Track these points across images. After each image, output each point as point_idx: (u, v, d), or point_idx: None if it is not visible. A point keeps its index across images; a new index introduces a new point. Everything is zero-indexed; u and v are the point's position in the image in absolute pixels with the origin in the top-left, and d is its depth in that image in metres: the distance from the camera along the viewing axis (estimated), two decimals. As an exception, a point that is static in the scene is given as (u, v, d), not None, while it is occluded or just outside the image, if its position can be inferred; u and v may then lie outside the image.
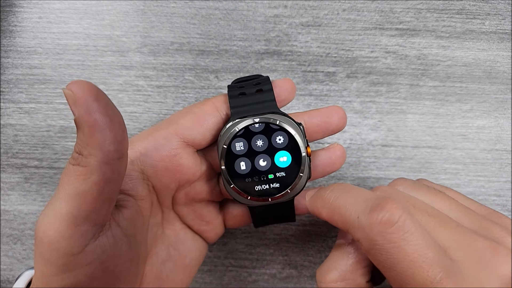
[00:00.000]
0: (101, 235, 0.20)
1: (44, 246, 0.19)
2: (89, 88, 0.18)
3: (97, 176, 0.18)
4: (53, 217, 0.19)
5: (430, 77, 0.32)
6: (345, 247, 0.22)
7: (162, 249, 0.25)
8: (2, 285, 0.32)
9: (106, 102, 0.18)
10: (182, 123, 0.24)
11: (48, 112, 0.32)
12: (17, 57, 0.33)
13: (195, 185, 0.25)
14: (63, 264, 0.19)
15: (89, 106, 0.18)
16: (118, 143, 0.19)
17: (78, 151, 0.18)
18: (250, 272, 0.32)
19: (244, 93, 0.24)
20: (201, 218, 0.26)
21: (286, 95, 0.25)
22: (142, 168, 0.23)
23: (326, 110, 0.25)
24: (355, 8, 0.33)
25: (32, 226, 0.32)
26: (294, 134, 0.23)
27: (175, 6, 0.33)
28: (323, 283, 0.21)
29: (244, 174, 0.23)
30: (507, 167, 0.32)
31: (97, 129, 0.18)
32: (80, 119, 0.18)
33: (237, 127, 0.23)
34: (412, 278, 0.17)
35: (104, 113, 0.18)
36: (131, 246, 0.22)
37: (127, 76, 0.33)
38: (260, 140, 0.23)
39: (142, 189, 0.23)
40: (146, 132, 0.24)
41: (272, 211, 0.25)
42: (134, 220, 0.22)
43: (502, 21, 0.33)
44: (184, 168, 0.24)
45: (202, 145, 0.24)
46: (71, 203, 0.18)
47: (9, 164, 0.32)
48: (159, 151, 0.23)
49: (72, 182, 0.18)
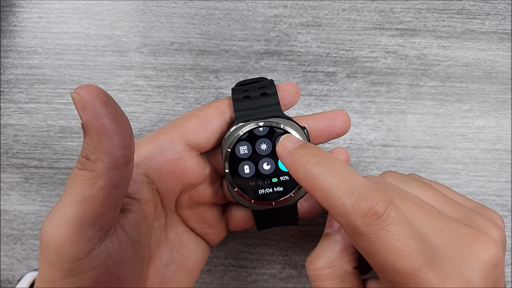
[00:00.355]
0: (106, 240, 0.20)
1: (49, 250, 0.19)
2: (97, 93, 0.18)
3: (104, 181, 0.18)
4: (59, 221, 0.19)
5: (430, 77, 0.32)
6: (332, 235, 0.22)
7: (165, 252, 0.25)
8: (2, 285, 0.32)
9: (115, 108, 0.18)
10: (187, 127, 0.24)
11: (48, 112, 0.32)
12: (17, 57, 0.33)
13: (199, 188, 0.25)
14: (69, 269, 0.19)
15: (98, 112, 0.18)
16: (126, 149, 0.19)
17: (85, 156, 0.18)
18: (250, 272, 0.32)
19: (249, 97, 0.24)
20: (204, 221, 0.26)
21: (291, 99, 0.25)
22: (146, 171, 0.23)
23: (330, 114, 0.25)
24: (355, 8, 0.33)
25: (32, 226, 0.32)
26: (298, 138, 0.23)
27: (175, 6, 0.33)
28: (312, 270, 0.21)
29: (248, 178, 0.23)
30: (507, 167, 0.32)
31: (105, 135, 0.18)
32: (88, 124, 0.18)
33: (241, 131, 0.23)
34: (392, 266, 0.17)
35: (113, 119, 0.18)
36: (136, 250, 0.22)
37: (127, 76, 0.33)
38: (264, 144, 0.23)
39: (146, 193, 0.23)
40: (151, 135, 0.24)
41: (276, 214, 0.25)
42: (139, 224, 0.22)
43: (502, 21, 0.33)
44: (189, 172, 0.24)
45: (206, 148, 0.24)
46: (77, 208, 0.18)
47: (9, 164, 0.32)
48: (164, 155, 0.23)
49: (79, 187, 0.18)
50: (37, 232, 0.32)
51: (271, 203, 0.24)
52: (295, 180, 0.21)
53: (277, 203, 0.24)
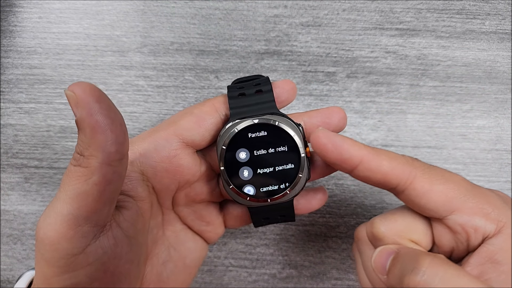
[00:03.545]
0: (101, 236, 0.20)
1: (45, 247, 0.19)
2: (91, 89, 0.18)
3: (98, 177, 0.18)
4: (54, 218, 0.19)
5: (430, 77, 0.32)
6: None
7: (162, 250, 0.25)
8: (2, 285, 0.32)
9: (108, 104, 0.18)
10: (182, 124, 0.24)
11: (48, 112, 0.32)
12: (17, 57, 0.33)
13: (195, 186, 0.25)
14: (64, 265, 0.19)
15: (91, 108, 0.18)
16: (119, 145, 0.19)
17: (79, 152, 0.19)
18: (250, 272, 0.32)
19: (244, 94, 0.24)
20: (202, 218, 0.26)
21: (287, 96, 0.25)
22: (142, 169, 0.23)
23: (326, 110, 0.25)
24: (355, 8, 0.33)
25: (32, 226, 0.32)
26: (293, 135, 0.23)
27: (175, 6, 0.33)
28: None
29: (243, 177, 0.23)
30: (507, 167, 0.32)
31: (99, 131, 0.18)
32: (82, 120, 0.18)
33: (236, 128, 0.23)
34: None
35: (106, 115, 0.18)
36: (132, 247, 0.22)
37: (127, 76, 0.33)
38: (259, 142, 0.23)
39: (142, 190, 0.23)
40: (146, 133, 0.24)
41: (272, 211, 0.25)
42: (135, 221, 0.22)
43: (502, 21, 0.33)
44: (184, 169, 0.24)
45: (202, 146, 0.24)
46: (72, 204, 0.18)
47: (9, 164, 0.32)
48: (159, 152, 0.23)
49: (73, 183, 0.19)
50: (37, 232, 0.32)
51: (267, 200, 0.24)
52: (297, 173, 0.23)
53: (272, 200, 0.24)
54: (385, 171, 0.21)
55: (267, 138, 0.23)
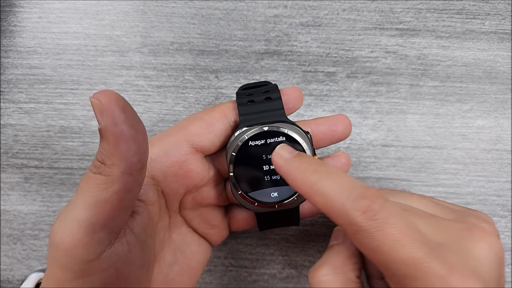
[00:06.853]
0: (116, 242, 0.20)
1: (59, 252, 0.19)
2: (116, 98, 0.18)
3: (119, 185, 0.18)
4: (71, 223, 0.19)
5: (430, 77, 0.32)
6: (336, 246, 0.22)
7: (169, 253, 0.25)
8: (2, 285, 0.32)
9: (132, 114, 0.19)
10: (192, 130, 0.24)
11: (48, 112, 0.32)
12: (17, 57, 0.33)
13: (203, 190, 0.25)
14: (79, 270, 0.19)
15: (116, 117, 0.18)
16: (141, 155, 0.19)
17: (101, 160, 0.19)
18: (250, 272, 0.32)
19: (253, 101, 0.24)
20: (207, 222, 0.26)
21: (294, 103, 0.25)
22: (152, 173, 0.23)
23: (332, 118, 0.25)
24: (355, 8, 0.33)
25: (32, 226, 0.32)
26: (302, 142, 0.23)
27: (175, 6, 0.33)
28: (315, 278, 0.21)
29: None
30: (507, 167, 0.32)
31: (123, 140, 0.18)
32: (106, 129, 0.18)
33: (246, 135, 0.23)
34: (396, 257, 0.17)
35: (130, 125, 0.18)
36: (143, 251, 0.22)
37: (127, 76, 0.33)
38: (268, 150, 0.24)
39: (152, 195, 0.23)
40: (156, 138, 0.24)
41: (278, 216, 0.25)
42: (146, 225, 0.22)
43: (502, 21, 0.33)
44: (193, 174, 0.24)
45: (211, 151, 0.25)
46: (90, 211, 0.18)
47: (9, 164, 0.32)
48: (169, 157, 0.23)
49: (93, 190, 0.18)
50: (37, 232, 0.32)
51: (274, 206, 0.24)
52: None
53: (280, 206, 0.24)
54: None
55: (276, 145, 0.23)
